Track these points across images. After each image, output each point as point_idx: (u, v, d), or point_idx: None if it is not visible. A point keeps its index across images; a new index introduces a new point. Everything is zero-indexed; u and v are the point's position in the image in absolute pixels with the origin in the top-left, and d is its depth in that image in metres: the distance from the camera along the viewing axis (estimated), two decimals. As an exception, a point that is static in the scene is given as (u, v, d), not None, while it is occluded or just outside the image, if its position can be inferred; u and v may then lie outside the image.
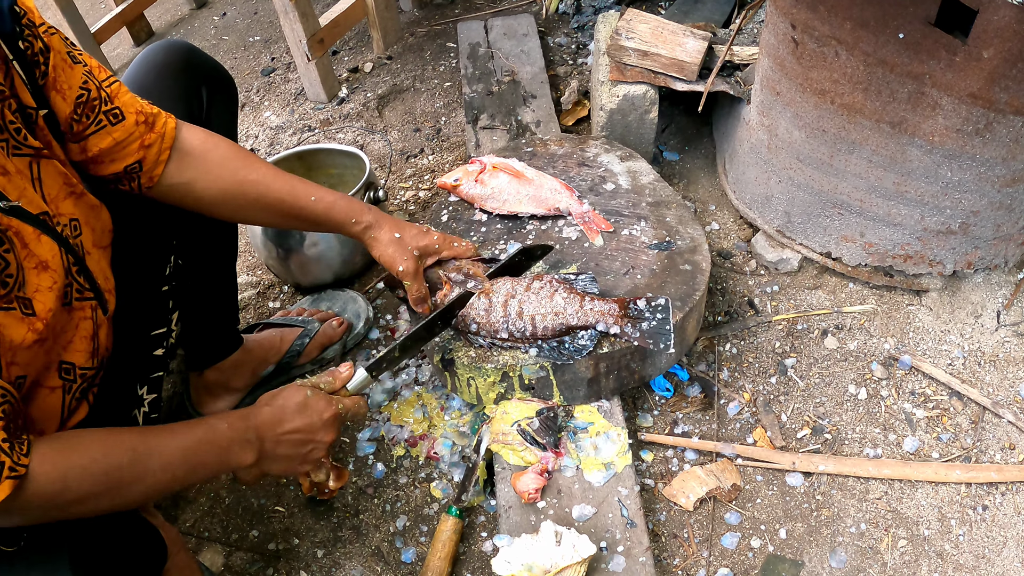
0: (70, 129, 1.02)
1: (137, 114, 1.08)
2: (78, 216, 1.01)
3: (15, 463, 0.80)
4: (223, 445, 1.03)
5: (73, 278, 0.98)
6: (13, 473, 0.80)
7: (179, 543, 1.27)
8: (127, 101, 1.07)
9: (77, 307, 1.00)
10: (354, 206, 1.29)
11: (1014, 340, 1.61)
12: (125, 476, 0.92)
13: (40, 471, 0.83)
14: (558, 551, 1.20)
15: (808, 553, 1.35)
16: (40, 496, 0.84)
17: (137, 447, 0.94)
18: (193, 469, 1.00)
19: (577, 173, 1.71)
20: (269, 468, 1.11)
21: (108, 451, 0.91)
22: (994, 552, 1.32)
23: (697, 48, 1.77)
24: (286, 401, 1.11)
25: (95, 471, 0.89)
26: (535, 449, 1.36)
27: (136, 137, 1.08)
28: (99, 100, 1.04)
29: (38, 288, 0.90)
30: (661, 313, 1.32)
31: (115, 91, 1.06)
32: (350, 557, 1.41)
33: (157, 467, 0.95)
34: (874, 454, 1.46)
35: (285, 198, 1.23)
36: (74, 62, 1.01)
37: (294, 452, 1.12)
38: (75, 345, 1.00)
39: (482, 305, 1.36)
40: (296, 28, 2.28)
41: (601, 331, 1.34)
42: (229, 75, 1.36)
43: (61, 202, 0.99)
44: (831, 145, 1.54)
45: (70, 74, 1.00)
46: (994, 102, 1.32)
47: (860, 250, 1.66)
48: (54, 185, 0.98)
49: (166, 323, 1.25)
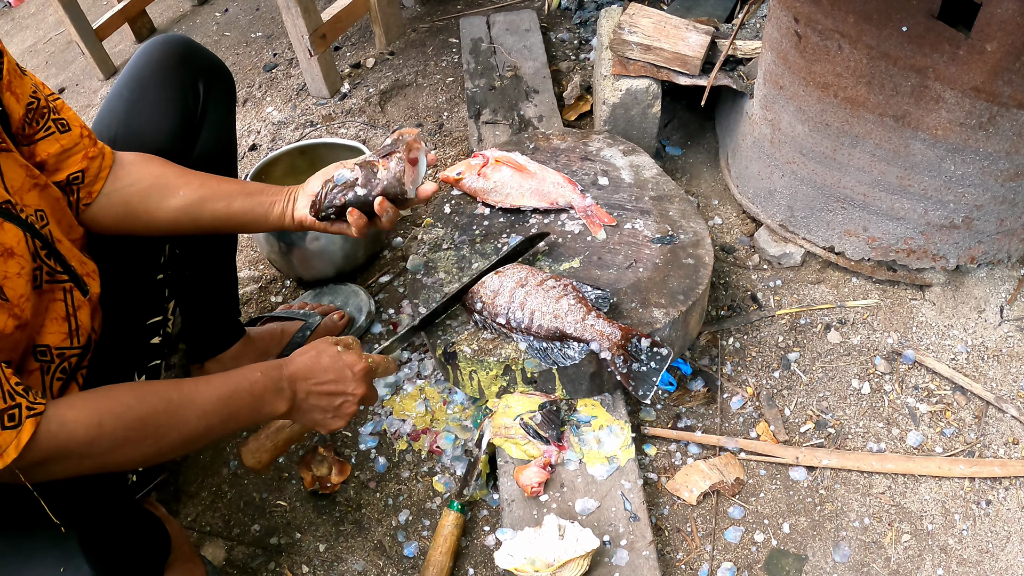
0: (21, 130, 1.04)
1: (82, 127, 1.11)
2: (44, 207, 1.03)
3: (32, 402, 0.83)
4: (257, 393, 1.05)
5: (43, 261, 0.99)
6: (32, 412, 0.82)
7: (182, 536, 1.28)
8: (71, 116, 1.11)
9: (47, 289, 1.01)
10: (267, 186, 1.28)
11: (1017, 335, 1.60)
12: (161, 423, 0.94)
13: (71, 416, 0.85)
14: (561, 544, 1.20)
15: (812, 547, 1.34)
16: (75, 441, 0.85)
17: (172, 395, 0.96)
18: (228, 417, 1.01)
19: (580, 167, 1.70)
20: (300, 419, 1.13)
21: (142, 398, 0.93)
22: (998, 547, 1.32)
23: (700, 42, 1.77)
24: (319, 354, 1.13)
25: (129, 417, 0.90)
26: (538, 443, 1.36)
27: (81, 148, 1.10)
28: (48, 109, 1.07)
29: (6, 275, 0.90)
30: (657, 363, 1.28)
31: (59, 105, 1.10)
32: (352, 551, 1.41)
33: (192, 415, 0.97)
34: (877, 448, 1.46)
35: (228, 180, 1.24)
36: (23, 73, 1.04)
37: (326, 404, 1.13)
38: (47, 327, 1.01)
39: (493, 285, 1.36)
40: (298, 24, 2.27)
41: (593, 350, 1.32)
42: (227, 69, 1.36)
43: (25, 194, 1.01)
44: (834, 139, 1.54)
45: (21, 82, 1.03)
46: (997, 96, 1.31)
47: (863, 244, 1.66)
48: (17, 177, 1.00)
49: (162, 311, 1.26)
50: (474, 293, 1.38)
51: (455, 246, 1.57)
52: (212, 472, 1.55)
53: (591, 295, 1.36)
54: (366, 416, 1.59)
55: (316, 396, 1.12)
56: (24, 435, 0.81)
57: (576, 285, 1.37)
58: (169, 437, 0.95)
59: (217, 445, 1.59)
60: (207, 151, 1.31)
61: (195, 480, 1.54)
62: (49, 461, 0.85)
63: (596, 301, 1.35)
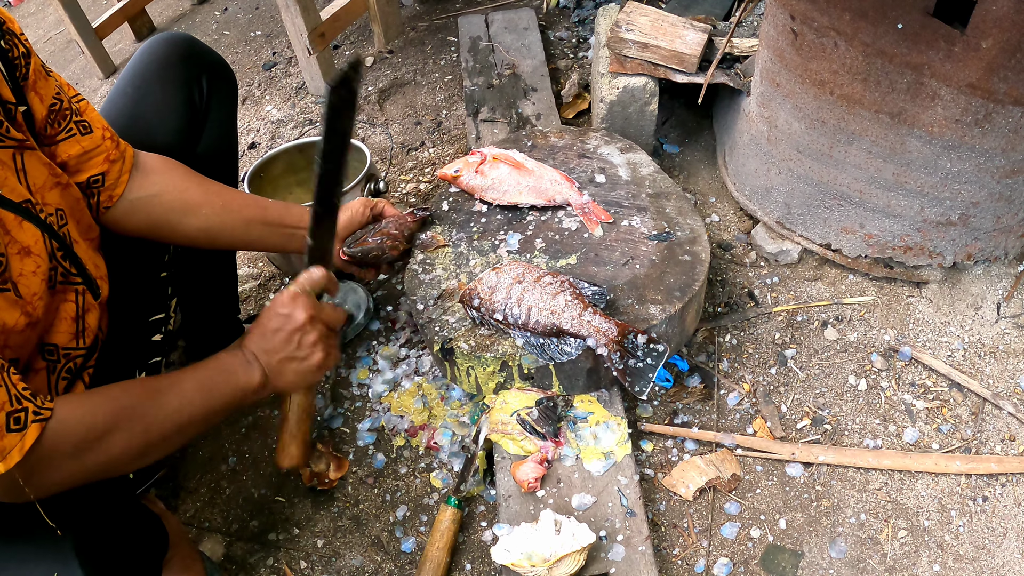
0: (44, 131, 1.05)
1: (104, 129, 1.12)
2: (64, 207, 1.04)
3: (39, 407, 0.84)
4: (229, 369, 1.07)
5: (58, 262, 1.00)
6: (38, 416, 0.83)
7: (180, 532, 1.28)
8: (94, 117, 1.11)
9: (60, 290, 1.02)
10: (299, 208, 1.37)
11: (1014, 332, 1.61)
12: (147, 408, 0.96)
13: (66, 412, 0.87)
14: (558, 540, 1.20)
15: (808, 543, 1.35)
16: (72, 436, 0.87)
17: (153, 384, 1.00)
18: (208, 397, 1.03)
19: (577, 164, 1.71)
20: (279, 382, 1.11)
21: (127, 388, 0.97)
22: (994, 543, 1.32)
23: (697, 40, 1.77)
24: (267, 319, 1.12)
25: (117, 406, 0.93)
26: (535, 438, 1.36)
27: (103, 150, 1.11)
28: (70, 111, 1.07)
29: (22, 272, 0.92)
30: (654, 359, 1.28)
31: (83, 107, 1.10)
32: (350, 547, 1.41)
33: (175, 399, 0.99)
34: (874, 445, 1.46)
35: (249, 202, 1.28)
36: (47, 75, 1.05)
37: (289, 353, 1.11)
38: (56, 327, 1.02)
39: (490, 281, 1.37)
40: (297, 22, 2.28)
41: (589, 346, 1.33)
42: (229, 67, 1.37)
43: (47, 192, 1.01)
44: (830, 136, 1.54)
45: (45, 83, 1.04)
46: (993, 92, 1.32)
47: (860, 241, 1.66)
48: (39, 176, 1.00)
49: (164, 309, 1.27)
50: (472, 290, 1.39)
51: (452, 243, 1.57)
52: (211, 468, 1.56)
53: (588, 291, 1.36)
54: (364, 412, 1.60)
55: (277, 351, 1.10)
56: (28, 439, 0.82)
57: (573, 281, 1.37)
58: (157, 421, 0.97)
59: (216, 441, 1.60)
60: (211, 148, 1.32)
61: (194, 476, 1.55)
62: (50, 462, 0.85)
63: (593, 297, 1.36)
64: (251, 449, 1.58)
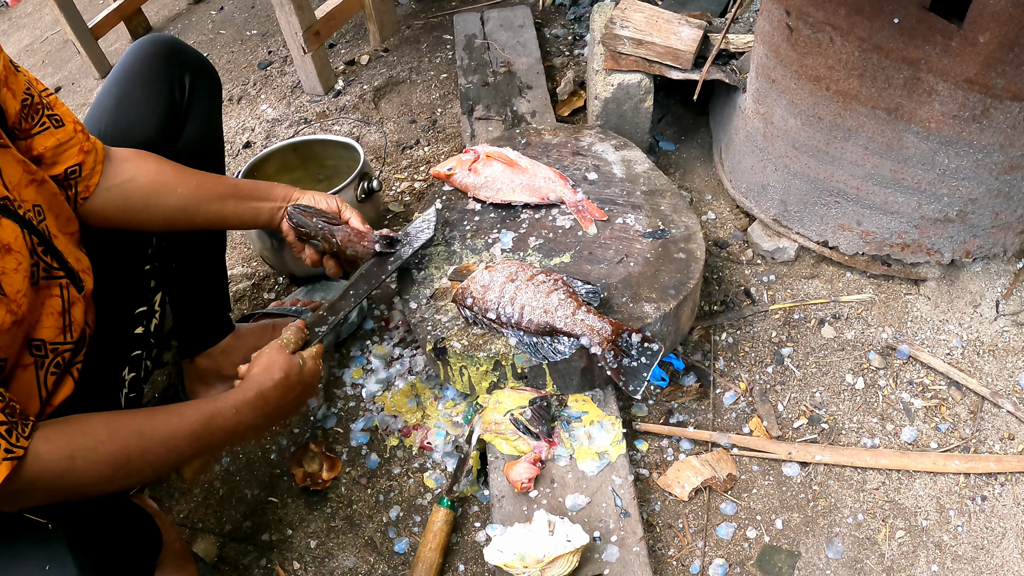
0: (18, 125, 1.06)
1: (75, 123, 1.13)
2: (41, 202, 1.05)
3: (12, 445, 0.83)
4: (230, 429, 1.09)
5: (39, 257, 1.00)
6: (9, 455, 0.83)
7: (174, 532, 1.28)
8: (64, 111, 1.13)
9: (44, 285, 1.02)
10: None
11: (1013, 329, 1.59)
12: (133, 458, 0.95)
13: (45, 451, 0.87)
14: (551, 541, 1.19)
15: (804, 544, 1.33)
16: (47, 475, 0.87)
17: (144, 429, 0.98)
18: (200, 450, 1.05)
19: (571, 162, 1.69)
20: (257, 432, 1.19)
21: (114, 433, 0.95)
22: (993, 543, 1.31)
23: (692, 36, 1.76)
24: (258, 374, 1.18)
25: (102, 452, 0.92)
26: (528, 438, 1.35)
27: (76, 142, 1.12)
28: (41, 105, 1.09)
29: (4, 270, 0.92)
30: (648, 358, 1.27)
31: (53, 100, 1.12)
32: (343, 547, 1.40)
33: (164, 450, 0.99)
34: (872, 444, 1.45)
35: (221, 180, 1.31)
36: (16, 70, 1.06)
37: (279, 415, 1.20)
38: (43, 322, 1.02)
39: (483, 280, 1.36)
40: (292, 21, 2.27)
41: (583, 345, 1.31)
42: (212, 66, 1.40)
43: (23, 189, 1.02)
44: (827, 132, 1.53)
45: (16, 79, 1.05)
46: (991, 87, 1.30)
47: (857, 239, 1.65)
48: (14, 173, 1.01)
49: (148, 302, 1.28)
50: (464, 289, 1.37)
51: (445, 241, 1.56)
52: (204, 469, 1.55)
53: (581, 290, 1.35)
54: (357, 412, 1.59)
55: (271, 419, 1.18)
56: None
57: (566, 280, 1.36)
58: (141, 470, 0.98)
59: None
60: (192, 142, 1.33)
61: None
62: (21, 494, 0.86)
63: (586, 296, 1.34)
64: (244, 450, 1.57)
